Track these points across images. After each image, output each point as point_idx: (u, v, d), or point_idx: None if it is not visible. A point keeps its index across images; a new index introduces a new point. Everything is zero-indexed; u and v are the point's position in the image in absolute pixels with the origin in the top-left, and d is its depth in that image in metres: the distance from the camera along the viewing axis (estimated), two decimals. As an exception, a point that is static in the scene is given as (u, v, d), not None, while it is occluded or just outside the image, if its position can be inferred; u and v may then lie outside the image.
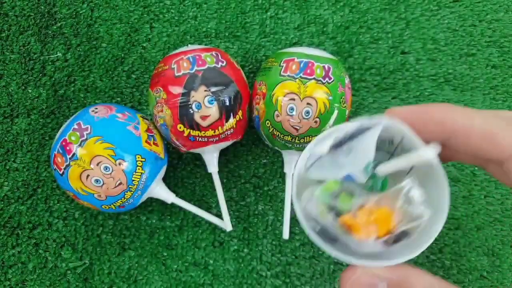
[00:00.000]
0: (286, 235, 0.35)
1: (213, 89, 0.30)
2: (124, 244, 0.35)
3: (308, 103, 0.30)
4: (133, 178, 0.30)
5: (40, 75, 0.39)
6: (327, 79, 0.30)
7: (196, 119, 0.30)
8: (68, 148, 0.29)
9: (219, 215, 0.35)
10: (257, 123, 0.33)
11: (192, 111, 0.30)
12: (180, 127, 0.31)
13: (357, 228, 0.18)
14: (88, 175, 0.29)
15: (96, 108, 0.31)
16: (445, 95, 0.38)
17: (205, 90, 0.30)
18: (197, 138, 0.31)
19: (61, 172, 0.30)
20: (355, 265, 0.18)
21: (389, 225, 0.18)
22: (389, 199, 0.18)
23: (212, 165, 0.33)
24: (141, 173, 0.30)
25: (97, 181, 0.29)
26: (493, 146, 0.17)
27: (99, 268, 0.35)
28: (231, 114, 0.31)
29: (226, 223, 0.34)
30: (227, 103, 0.31)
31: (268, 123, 0.32)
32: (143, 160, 0.30)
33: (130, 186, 0.30)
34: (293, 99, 0.30)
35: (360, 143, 0.19)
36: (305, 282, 0.35)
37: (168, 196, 0.33)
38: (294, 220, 0.35)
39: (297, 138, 0.31)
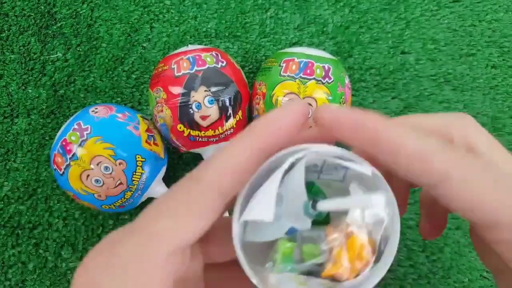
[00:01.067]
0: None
1: (213, 89, 0.30)
2: (124, 244, 0.35)
3: (308, 103, 0.30)
4: (133, 178, 0.30)
5: (40, 75, 0.39)
6: (327, 79, 0.30)
7: (196, 119, 0.30)
8: (68, 148, 0.29)
9: (219, 215, 0.35)
10: (257, 123, 0.33)
11: (192, 111, 0.30)
12: (180, 127, 0.31)
13: (343, 274, 0.16)
14: (88, 175, 0.29)
15: (96, 108, 0.31)
16: (445, 95, 0.38)
17: (205, 90, 0.30)
18: (197, 138, 0.31)
19: (61, 172, 0.30)
20: None
21: (366, 254, 0.16)
22: (353, 226, 0.16)
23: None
24: (141, 173, 0.30)
25: (97, 181, 0.29)
26: (424, 169, 0.15)
27: (99, 268, 0.35)
28: (231, 114, 0.31)
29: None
30: (227, 103, 0.31)
31: (268, 123, 0.32)
32: (143, 160, 0.30)
33: (130, 186, 0.30)
34: (293, 99, 0.30)
35: (289, 186, 0.16)
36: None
37: (168, 196, 0.33)
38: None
39: (297, 138, 0.31)
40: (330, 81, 0.31)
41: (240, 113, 0.32)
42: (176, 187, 0.16)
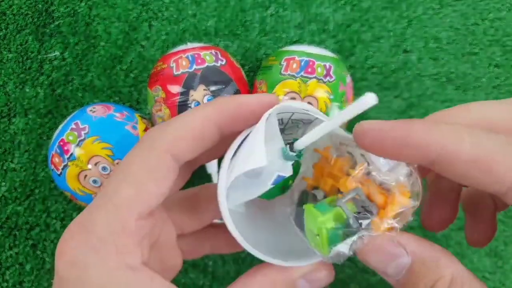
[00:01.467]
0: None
1: (213, 88, 0.30)
2: (122, 245, 0.35)
3: (309, 102, 0.30)
4: (131, 179, 0.29)
5: (38, 74, 0.38)
6: (328, 77, 0.30)
7: (195, 118, 0.30)
8: (65, 148, 0.29)
9: (218, 216, 0.34)
10: (257, 123, 0.33)
11: (191, 111, 0.30)
12: (179, 127, 0.30)
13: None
14: (86, 175, 0.29)
15: (94, 108, 0.31)
16: (447, 95, 0.38)
17: (204, 89, 0.30)
18: (197, 138, 0.31)
19: (58, 173, 0.29)
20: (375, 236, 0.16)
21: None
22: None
23: (212, 166, 0.33)
24: (140, 173, 0.30)
25: (95, 181, 0.29)
26: (488, 176, 0.14)
27: (98, 270, 0.35)
28: (231, 114, 0.31)
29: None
30: (227, 103, 0.30)
31: (268, 123, 0.31)
32: (142, 160, 0.30)
33: (128, 186, 0.29)
34: (294, 98, 0.30)
35: (266, 137, 0.17)
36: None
37: (167, 196, 0.33)
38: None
39: (297, 138, 0.31)
40: (331, 80, 0.30)
41: (240, 112, 0.31)
42: (134, 153, 0.16)
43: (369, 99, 0.14)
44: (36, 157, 0.37)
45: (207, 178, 0.37)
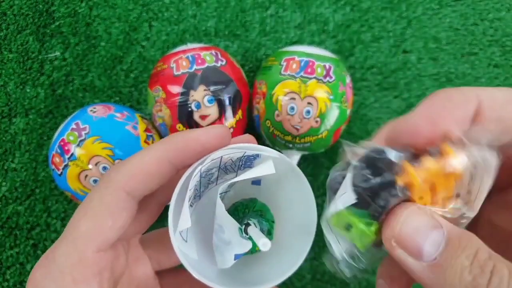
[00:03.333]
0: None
1: (213, 88, 0.30)
2: (123, 244, 0.35)
3: (308, 103, 0.30)
4: (132, 179, 0.29)
5: (38, 74, 0.38)
6: (328, 78, 0.30)
7: (195, 118, 0.30)
8: (66, 148, 0.29)
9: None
10: (257, 123, 0.33)
11: (191, 111, 0.30)
12: (179, 127, 0.30)
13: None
14: (86, 175, 0.29)
15: (95, 108, 0.31)
16: (446, 95, 0.38)
17: (204, 89, 0.30)
18: (197, 138, 0.31)
19: (59, 172, 0.29)
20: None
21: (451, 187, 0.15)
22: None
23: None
24: (140, 173, 0.30)
25: (95, 181, 0.29)
26: None
27: (98, 269, 0.35)
28: (231, 114, 0.31)
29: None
30: (227, 103, 0.30)
31: (268, 123, 0.31)
32: (142, 160, 0.30)
33: (128, 186, 0.30)
34: (294, 99, 0.30)
35: (221, 219, 0.18)
36: (306, 283, 0.35)
37: (167, 196, 0.33)
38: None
39: (297, 138, 0.31)
40: (331, 80, 0.30)
41: (240, 112, 0.31)
42: (93, 190, 0.18)
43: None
44: (37, 157, 0.37)
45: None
